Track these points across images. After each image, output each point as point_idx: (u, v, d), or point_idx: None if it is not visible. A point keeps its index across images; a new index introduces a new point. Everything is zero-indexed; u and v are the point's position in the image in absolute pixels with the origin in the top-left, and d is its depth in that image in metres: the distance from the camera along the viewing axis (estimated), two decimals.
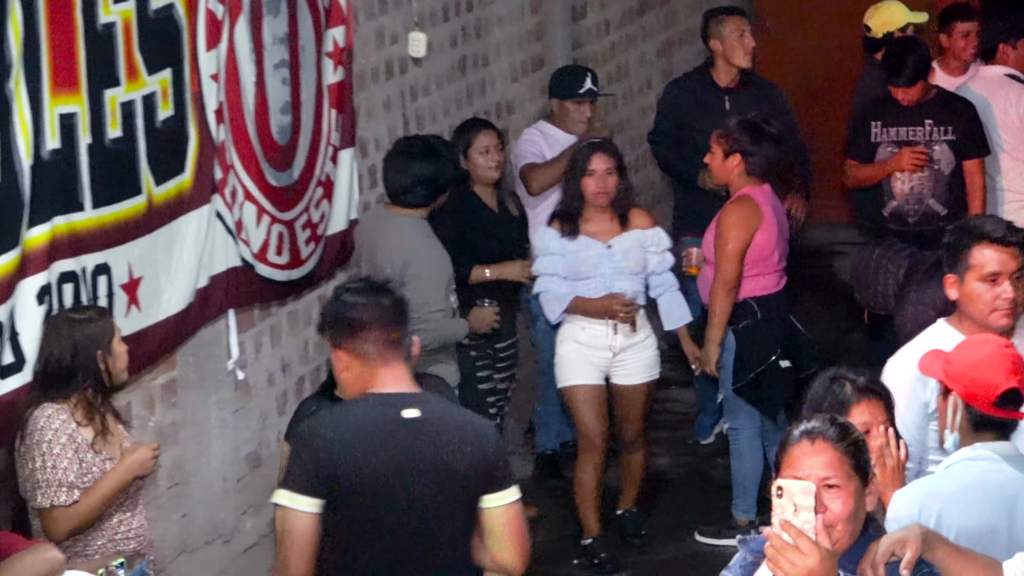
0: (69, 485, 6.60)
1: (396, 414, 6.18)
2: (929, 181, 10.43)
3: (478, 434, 6.30)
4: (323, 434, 6.24)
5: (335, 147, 9.06)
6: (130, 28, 7.42)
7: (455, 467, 6.16)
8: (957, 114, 10.48)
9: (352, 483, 6.12)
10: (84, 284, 7.20)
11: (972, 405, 5.97)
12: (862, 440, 5.02)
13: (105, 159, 7.29)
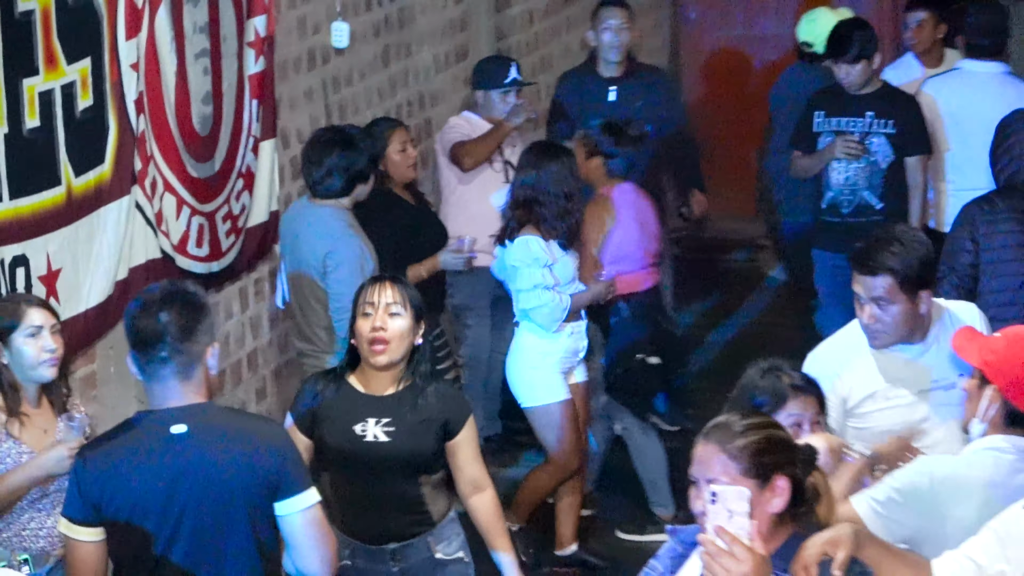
0: None
1: (164, 432, 6.05)
2: (864, 173, 10.46)
3: (252, 443, 6.13)
4: (92, 459, 6.14)
5: (256, 138, 9.04)
6: (49, 16, 7.38)
7: (226, 479, 6.04)
8: (899, 108, 10.49)
9: (121, 507, 6.03)
10: (3, 276, 7.19)
11: (1012, 402, 5.96)
12: (759, 444, 5.00)
13: (23, 149, 7.26)
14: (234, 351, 9.20)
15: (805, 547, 4.93)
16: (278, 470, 6.07)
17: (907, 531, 5.84)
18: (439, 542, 7.15)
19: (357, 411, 7.06)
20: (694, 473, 4.94)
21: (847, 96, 10.54)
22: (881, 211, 10.40)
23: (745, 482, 4.88)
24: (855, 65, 10.46)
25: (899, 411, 6.91)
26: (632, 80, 11.30)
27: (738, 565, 4.63)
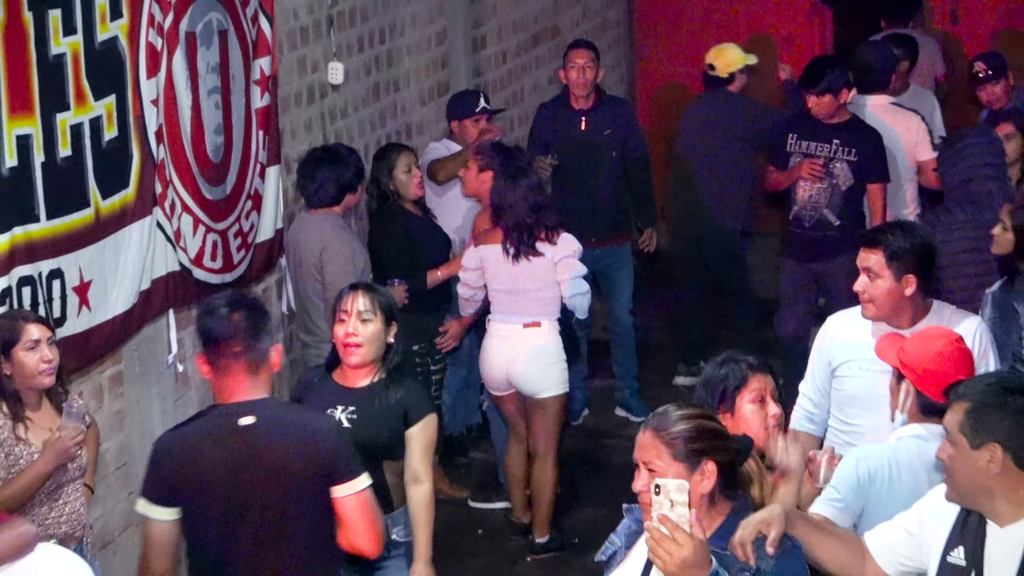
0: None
1: (233, 423, 6.07)
2: (826, 193, 10.46)
3: (312, 434, 6.16)
4: (169, 448, 6.16)
5: (262, 164, 9.06)
6: (78, 58, 7.41)
7: (290, 466, 6.05)
8: (862, 140, 10.47)
9: (195, 491, 6.05)
10: (40, 287, 7.18)
11: (923, 392, 6.06)
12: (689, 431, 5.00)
13: (57, 175, 7.28)
14: None
15: (741, 526, 4.93)
16: (334, 458, 6.10)
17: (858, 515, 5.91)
18: (395, 526, 7.14)
19: (330, 399, 7.10)
20: (636, 457, 4.96)
21: (818, 123, 10.56)
22: (838, 227, 10.40)
23: (676, 465, 4.90)
24: (822, 97, 10.44)
25: (868, 381, 6.90)
26: (600, 110, 11.25)
27: (679, 549, 4.62)
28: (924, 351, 6.12)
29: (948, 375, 5.93)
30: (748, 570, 4.89)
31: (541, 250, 9.19)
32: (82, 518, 6.92)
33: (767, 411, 6.12)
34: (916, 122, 10.91)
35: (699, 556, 4.64)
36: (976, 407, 4.97)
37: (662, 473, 4.89)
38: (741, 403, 6.11)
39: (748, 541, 4.90)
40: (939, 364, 6.04)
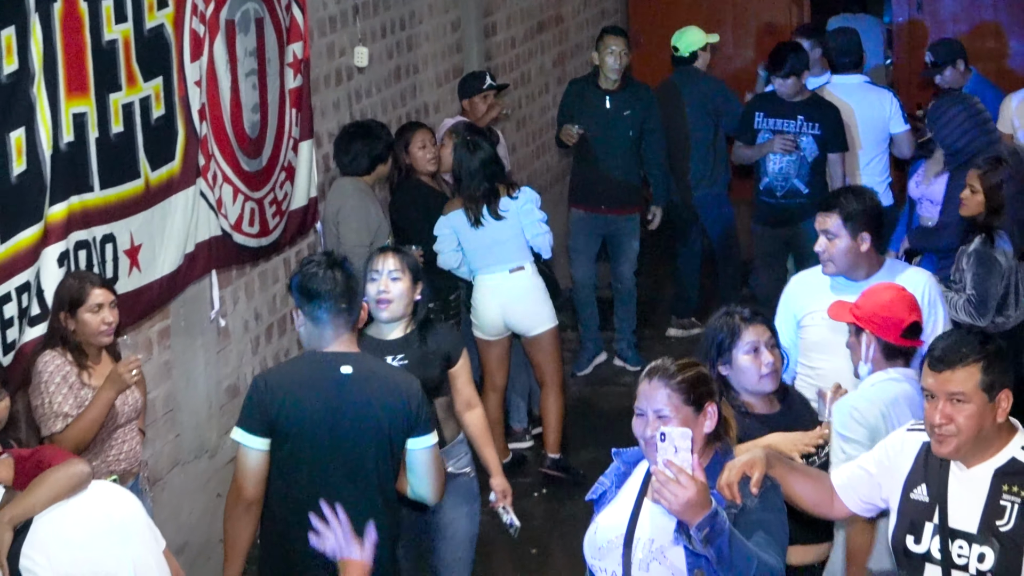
0: (64, 415, 6.59)
1: (333, 370, 6.13)
2: (795, 165, 10.51)
3: (401, 389, 6.20)
4: (271, 385, 6.19)
5: (295, 139, 9.04)
6: (129, 44, 7.40)
7: (378, 415, 6.11)
8: (824, 115, 10.52)
9: (291, 425, 6.10)
10: (95, 250, 7.19)
11: (883, 338, 6.07)
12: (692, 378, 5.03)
13: (110, 150, 7.28)
14: (280, 308, 9.23)
15: (727, 468, 4.96)
16: (415, 414, 6.16)
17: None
18: (449, 459, 7.12)
19: (377, 352, 7.03)
20: (642, 406, 4.97)
21: (783, 102, 10.58)
22: (807, 195, 10.46)
23: (685, 409, 4.94)
24: (787, 79, 10.51)
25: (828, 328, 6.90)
26: (624, 93, 11.24)
27: (684, 491, 4.64)
28: (877, 302, 6.16)
29: (903, 319, 6.02)
30: (734, 508, 4.91)
31: (505, 207, 9.18)
32: (137, 456, 6.96)
33: (761, 360, 6.15)
34: (888, 98, 10.93)
35: (701, 497, 4.67)
36: (988, 364, 4.91)
37: (672, 417, 4.92)
38: (737, 355, 6.12)
39: (734, 482, 4.93)
40: (893, 311, 6.09)
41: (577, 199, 11.12)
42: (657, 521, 4.97)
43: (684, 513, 4.67)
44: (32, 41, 6.65)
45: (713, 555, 4.72)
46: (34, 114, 6.70)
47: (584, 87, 11.37)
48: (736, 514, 4.89)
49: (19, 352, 6.70)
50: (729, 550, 4.71)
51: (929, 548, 5.00)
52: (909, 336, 6.07)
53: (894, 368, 6.08)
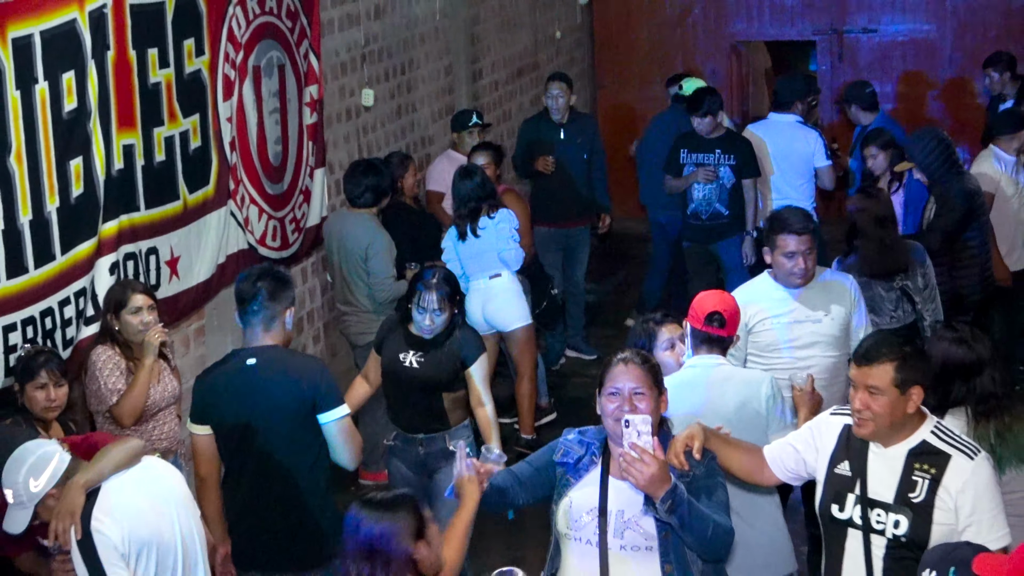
0: (118, 391, 6.62)
1: (241, 363, 6.19)
2: (716, 191, 10.48)
3: (301, 372, 6.18)
4: (202, 380, 6.33)
5: (311, 167, 9.04)
6: (171, 85, 7.42)
7: (282, 397, 6.12)
8: (737, 147, 10.51)
9: (215, 411, 6.19)
10: (140, 261, 7.21)
11: (692, 325, 6.13)
12: (656, 366, 5.08)
13: (154, 175, 7.30)
14: (298, 308, 9.21)
15: (672, 443, 4.96)
16: (315, 391, 6.13)
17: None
18: (452, 439, 7.13)
19: (403, 345, 7.11)
20: (618, 385, 4.94)
21: (702, 138, 10.57)
22: (727, 216, 10.47)
23: (653, 390, 4.95)
24: (704, 118, 10.51)
25: (778, 331, 6.95)
26: (574, 124, 11.23)
27: (648, 468, 4.69)
28: (698, 300, 6.22)
29: (706, 309, 6.08)
30: (685, 476, 4.91)
31: (483, 225, 9.11)
32: (176, 435, 6.95)
33: (677, 353, 6.22)
34: (814, 137, 10.92)
35: (663, 473, 4.71)
36: (902, 364, 4.90)
37: (646, 394, 4.94)
38: (657, 352, 6.14)
39: (680, 452, 4.93)
40: (703, 303, 6.14)
41: (541, 218, 11.07)
42: (625, 495, 4.95)
43: (649, 488, 4.70)
44: (89, 83, 6.66)
45: (676, 522, 4.75)
46: (90, 145, 6.70)
47: (538, 123, 11.37)
48: (687, 482, 4.88)
49: (76, 347, 6.71)
50: (689, 517, 4.74)
51: (851, 515, 5.00)
52: (711, 323, 6.07)
53: (701, 356, 6.10)
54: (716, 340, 6.07)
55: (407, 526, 4.54)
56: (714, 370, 6.04)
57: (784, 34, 14.75)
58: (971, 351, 5.74)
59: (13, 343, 6.27)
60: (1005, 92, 11.57)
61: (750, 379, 6.07)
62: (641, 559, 4.90)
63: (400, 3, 10.69)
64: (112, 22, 6.83)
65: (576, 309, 11.42)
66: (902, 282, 7.87)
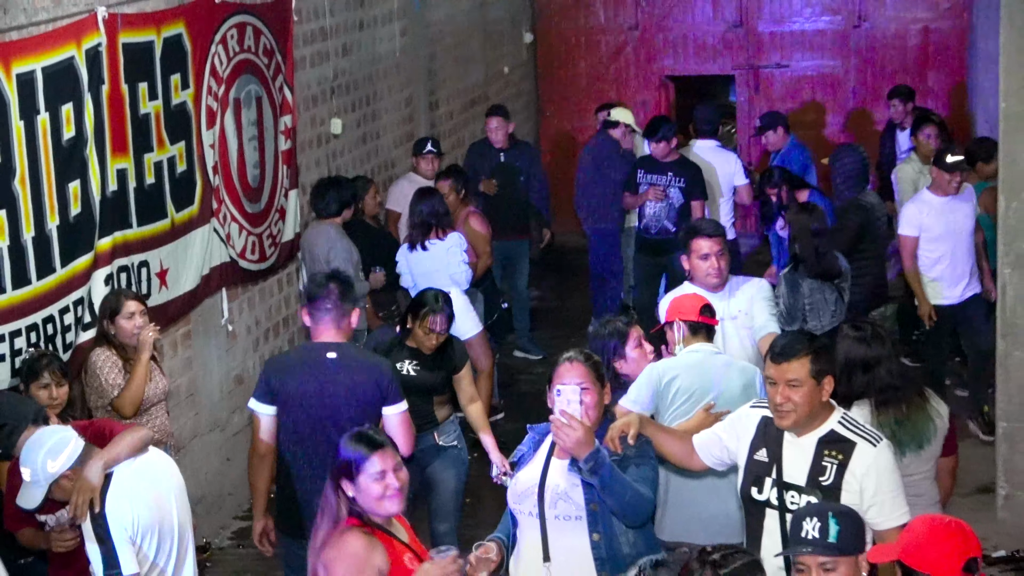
0: (117, 386, 6.59)
1: (321, 355, 6.22)
2: (665, 210, 10.47)
3: (373, 370, 6.25)
4: (275, 366, 6.33)
5: (286, 188, 9.01)
6: (159, 115, 7.40)
7: (356, 390, 6.17)
8: (688, 171, 10.48)
9: (288, 397, 6.19)
10: (133, 273, 7.18)
11: (683, 319, 6.19)
12: (599, 363, 5.14)
13: (145, 196, 7.27)
14: (275, 316, 9.18)
15: (610, 429, 4.99)
16: (387, 388, 6.21)
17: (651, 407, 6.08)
18: (441, 435, 7.15)
19: (399, 355, 7.06)
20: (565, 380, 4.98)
21: (656, 162, 10.58)
22: (674, 233, 10.43)
23: (596, 385, 5.01)
24: (659, 143, 10.50)
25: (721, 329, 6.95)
26: (513, 150, 11.28)
27: (574, 432, 4.75)
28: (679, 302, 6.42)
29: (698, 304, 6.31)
30: (616, 457, 4.95)
31: (433, 243, 9.07)
32: (166, 429, 6.92)
33: (645, 350, 6.31)
34: (733, 159, 11.00)
35: (587, 437, 4.78)
36: (816, 357, 4.96)
37: (591, 388, 5.01)
38: (628, 350, 6.21)
39: (615, 436, 4.97)
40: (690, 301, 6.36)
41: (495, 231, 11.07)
42: (562, 473, 5.01)
43: (575, 449, 4.78)
44: (86, 114, 6.64)
45: (597, 483, 4.81)
46: (87, 169, 6.68)
47: (482, 148, 11.39)
48: (618, 462, 4.92)
49: (75, 350, 6.68)
50: (610, 479, 4.80)
51: (769, 497, 5.02)
52: (704, 314, 6.25)
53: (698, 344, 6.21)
54: (707, 329, 6.23)
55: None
56: (715, 356, 6.19)
57: (707, 69, 14.82)
58: (870, 348, 5.81)
59: (18, 347, 6.24)
60: (905, 122, 11.67)
61: (746, 368, 6.20)
62: (572, 528, 4.95)
63: (365, 42, 10.68)
64: (106, 59, 6.81)
65: (521, 314, 11.42)
66: (840, 284, 8.00)
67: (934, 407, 5.87)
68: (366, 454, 4.71)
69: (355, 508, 4.69)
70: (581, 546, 4.95)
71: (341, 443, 4.80)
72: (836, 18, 14.42)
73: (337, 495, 4.72)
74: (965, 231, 8.93)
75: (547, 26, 15.06)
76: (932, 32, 14.19)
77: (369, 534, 4.66)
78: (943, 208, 8.88)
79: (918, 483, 5.72)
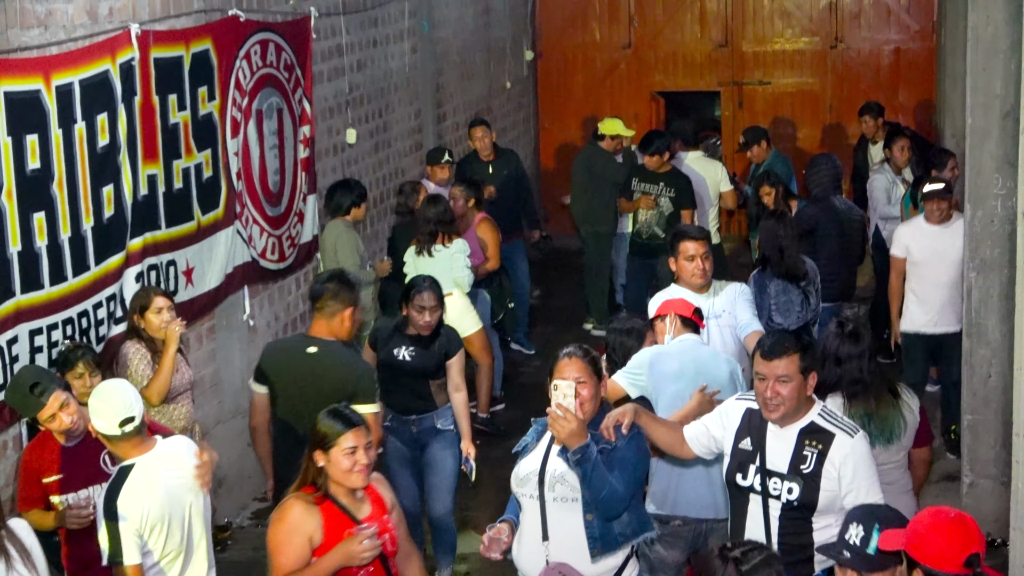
0: (146, 376, 6.57)
1: (305, 348, 6.38)
2: (656, 217, 10.47)
3: (350, 367, 6.31)
4: (268, 352, 6.58)
5: (304, 193, 8.99)
6: (187, 125, 7.38)
7: (333, 384, 6.20)
8: (678, 181, 10.48)
9: (276, 378, 6.43)
10: (161, 271, 7.17)
11: (679, 313, 6.24)
12: (597, 358, 5.11)
13: (173, 200, 7.26)
14: (292, 312, 9.16)
15: (607, 417, 4.98)
16: (358, 388, 6.23)
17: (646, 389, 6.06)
18: (439, 418, 7.13)
19: (397, 342, 7.08)
20: (564, 375, 4.97)
21: (650, 172, 10.56)
22: (663, 238, 10.42)
23: (593, 377, 5.00)
24: (652, 156, 10.51)
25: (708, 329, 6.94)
26: (500, 159, 11.23)
27: (568, 424, 4.78)
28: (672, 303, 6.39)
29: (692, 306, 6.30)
30: (608, 445, 4.95)
31: (439, 249, 9.03)
32: (192, 416, 6.92)
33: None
34: (720, 168, 10.99)
35: (580, 430, 4.81)
36: (803, 353, 4.96)
37: (587, 382, 5.00)
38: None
39: (611, 425, 4.96)
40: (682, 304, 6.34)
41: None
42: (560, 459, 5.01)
43: (568, 440, 4.83)
44: (119, 123, 6.63)
45: (580, 474, 4.84)
46: (120, 175, 6.67)
47: (471, 161, 11.34)
48: (609, 451, 4.93)
49: (108, 342, 6.67)
50: (592, 473, 4.82)
51: (752, 483, 5.02)
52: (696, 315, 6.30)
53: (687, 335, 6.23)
54: (695, 327, 6.27)
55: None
56: (702, 346, 6.24)
57: (694, 85, 14.81)
58: (843, 344, 5.85)
59: (55, 339, 6.24)
60: (876, 136, 11.66)
61: (730, 360, 6.23)
62: (568, 509, 4.96)
63: (378, 59, 10.66)
64: (139, 72, 6.80)
65: (521, 310, 11.40)
66: (806, 287, 7.99)
67: (905, 402, 5.86)
68: (341, 430, 4.75)
69: (317, 478, 4.69)
70: (576, 526, 4.96)
71: (320, 416, 4.86)
72: (815, 39, 14.42)
73: (307, 464, 4.78)
74: (948, 261, 8.21)
75: (547, 44, 15.05)
76: (903, 52, 14.20)
77: (312, 503, 4.68)
78: (929, 235, 8.32)
79: (889, 471, 5.72)
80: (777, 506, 4.95)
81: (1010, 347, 6.13)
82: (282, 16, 8.71)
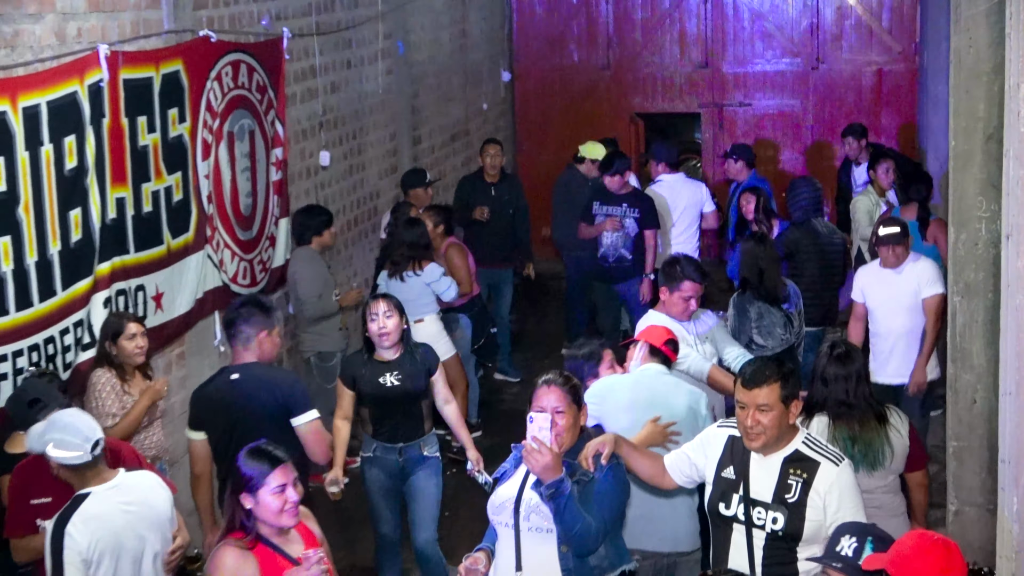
0: (112, 415, 6.54)
1: (227, 377, 6.40)
2: (621, 239, 10.50)
3: (277, 383, 6.33)
4: (196, 395, 6.54)
5: (276, 217, 8.97)
6: (157, 147, 7.35)
7: (262, 405, 6.24)
8: (641, 202, 10.52)
9: (206, 420, 6.38)
10: (130, 296, 7.12)
11: (649, 343, 6.25)
12: (577, 385, 5.14)
13: (142, 223, 7.22)
14: None
15: (586, 447, 4.99)
16: (288, 399, 6.22)
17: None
18: (426, 446, 7.11)
19: (380, 370, 7.02)
20: (542, 404, 4.99)
21: (612, 194, 10.61)
22: (630, 261, 10.49)
23: (573, 406, 5.04)
24: (614, 177, 10.54)
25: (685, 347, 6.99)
26: (503, 183, 11.31)
27: (543, 457, 4.78)
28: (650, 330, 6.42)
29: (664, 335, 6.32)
30: (588, 475, 4.96)
31: (410, 276, 9.04)
32: (163, 443, 6.93)
33: (616, 371, 6.38)
34: (702, 188, 11.04)
35: (555, 463, 4.82)
36: (784, 382, 4.95)
37: (566, 412, 5.03)
38: (602, 371, 6.25)
39: (590, 455, 4.97)
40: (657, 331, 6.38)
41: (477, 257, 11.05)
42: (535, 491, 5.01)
43: (542, 474, 4.82)
44: (87, 145, 6.59)
45: (552, 508, 4.85)
46: (88, 198, 6.63)
47: (474, 180, 11.40)
48: (587, 482, 4.93)
49: (75, 370, 6.61)
50: (564, 508, 4.82)
51: (736, 512, 5.01)
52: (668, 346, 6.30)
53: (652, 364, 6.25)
54: (664, 358, 6.27)
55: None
56: (664, 376, 6.22)
57: (674, 107, 14.88)
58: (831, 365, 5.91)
59: (20, 366, 6.18)
60: (859, 157, 11.72)
61: (692, 391, 6.19)
62: (543, 540, 4.97)
63: (352, 80, 10.66)
64: (108, 94, 6.76)
65: (503, 338, 11.41)
66: (788, 309, 8.03)
67: (893, 427, 5.88)
68: (267, 470, 4.72)
69: (246, 521, 4.67)
70: (551, 557, 4.96)
71: (240, 458, 4.82)
72: (796, 60, 14.50)
73: (233, 508, 4.72)
74: (902, 308, 7.99)
75: (524, 66, 15.09)
76: (885, 74, 14.29)
77: (245, 548, 4.67)
78: (883, 279, 8.08)
79: (876, 496, 5.72)
80: (761, 536, 4.94)
81: (995, 372, 6.15)
82: (254, 37, 8.70)
